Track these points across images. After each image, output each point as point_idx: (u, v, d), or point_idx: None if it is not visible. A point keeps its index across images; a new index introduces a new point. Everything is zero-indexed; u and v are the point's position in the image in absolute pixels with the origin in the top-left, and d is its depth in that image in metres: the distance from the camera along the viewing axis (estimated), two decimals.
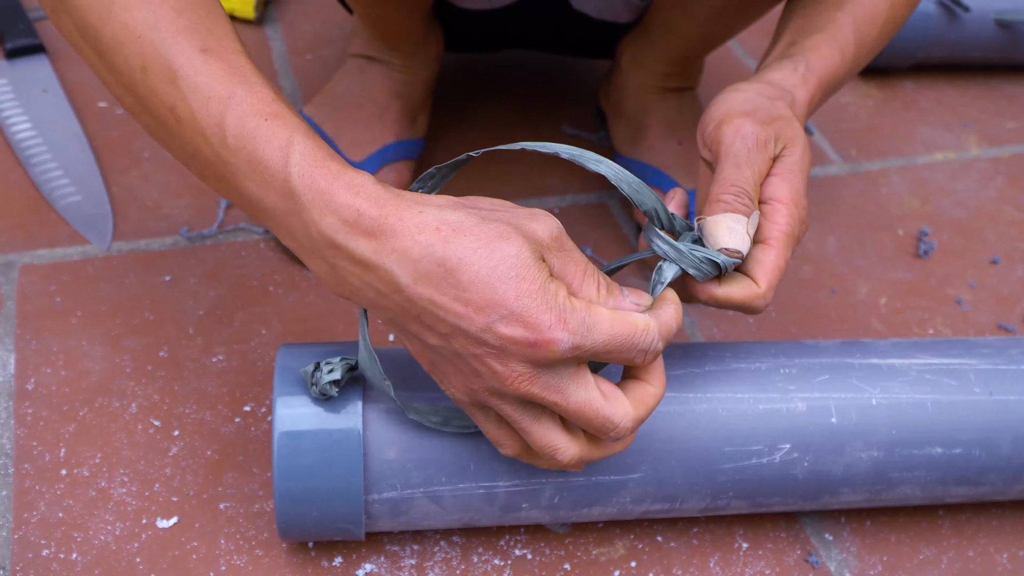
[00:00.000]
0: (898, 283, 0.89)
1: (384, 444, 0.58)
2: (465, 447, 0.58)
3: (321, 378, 0.56)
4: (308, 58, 1.04)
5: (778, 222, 0.57)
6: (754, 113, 0.59)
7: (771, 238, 0.57)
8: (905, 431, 0.63)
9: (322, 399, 0.57)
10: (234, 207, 0.86)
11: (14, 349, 0.74)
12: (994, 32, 1.11)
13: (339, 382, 0.57)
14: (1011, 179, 1.04)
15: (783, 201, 0.58)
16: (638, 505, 0.62)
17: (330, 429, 0.57)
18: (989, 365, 0.66)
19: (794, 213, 0.58)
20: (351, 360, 0.57)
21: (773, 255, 0.57)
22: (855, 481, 0.63)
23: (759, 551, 0.68)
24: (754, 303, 0.56)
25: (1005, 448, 0.64)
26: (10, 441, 0.68)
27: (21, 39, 0.98)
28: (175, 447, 0.69)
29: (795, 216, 0.58)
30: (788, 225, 0.58)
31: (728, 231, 0.55)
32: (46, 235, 0.82)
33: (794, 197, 0.58)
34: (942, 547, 0.70)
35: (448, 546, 0.66)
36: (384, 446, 0.58)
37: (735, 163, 0.57)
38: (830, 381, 0.63)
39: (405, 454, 0.58)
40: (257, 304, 0.79)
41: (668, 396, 0.61)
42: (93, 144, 0.91)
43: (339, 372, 0.56)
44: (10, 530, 0.64)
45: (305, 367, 0.58)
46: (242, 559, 0.64)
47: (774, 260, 0.57)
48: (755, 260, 0.57)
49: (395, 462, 0.58)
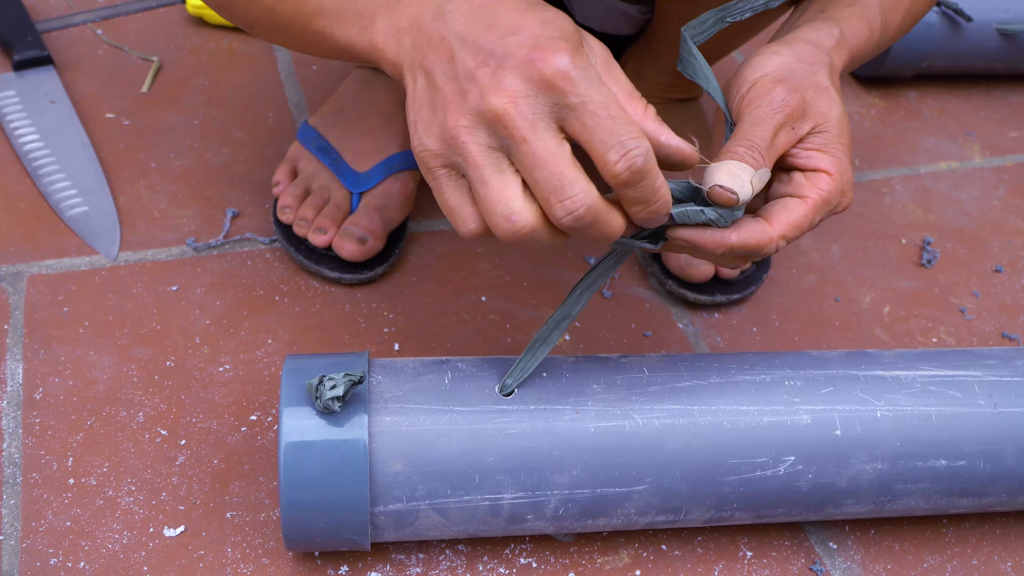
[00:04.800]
0: (902, 292, 0.90)
1: (390, 456, 0.58)
2: (470, 460, 0.58)
3: (324, 393, 0.57)
4: (313, 69, 1.04)
5: (820, 186, 0.56)
6: (787, 80, 0.57)
7: (808, 196, 0.56)
8: (909, 443, 0.63)
9: (326, 413, 0.58)
10: (241, 216, 0.87)
11: (22, 359, 0.74)
12: (997, 42, 1.11)
13: (342, 398, 0.57)
14: (1014, 188, 1.04)
15: (828, 171, 0.56)
16: (643, 517, 0.62)
17: (336, 440, 0.57)
18: (994, 377, 0.66)
19: (837, 183, 0.56)
20: (354, 375, 0.57)
21: (802, 210, 0.55)
22: (859, 493, 0.63)
23: (763, 560, 0.68)
24: (764, 246, 0.54)
25: (1010, 460, 0.64)
26: (18, 450, 0.69)
27: (29, 51, 0.98)
28: (182, 456, 0.70)
29: (837, 186, 0.56)
30: (828, 192, 0.56)
31: (728, 175, 0.53)
32: (54, 245, 0.83)
33: (839, 167, 0.57)
34: (946, 556, 0.70)
35: (453, 555, 0.66)
36: (390, 458, 0.58)
37: (753, 122, 0.56)
38: (835, 393, 0.63)
39: (411, 466, 0.58)
40: (263, 314, 0.80)
41: (672, 408, 0.61)
42: (100, 155, 0.91)
43: (342, 388, 0.57)
44: (18, 539, 0.64)
45: (310, 380, 0.58)
46: (248, 568, 0.64)
47: (800, 215, 0.55)
48: (783, 206, 0.56)
49: (401, 474, 0.58)
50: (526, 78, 0.47)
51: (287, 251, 0.83)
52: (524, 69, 0.47)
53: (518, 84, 0.47)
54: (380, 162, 0.84)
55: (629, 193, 0.49)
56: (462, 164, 0.49)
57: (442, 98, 0.49)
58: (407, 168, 0.86)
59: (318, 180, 0.84)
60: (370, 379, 0.60)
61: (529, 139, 0.47)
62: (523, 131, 0.47)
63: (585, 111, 0.47)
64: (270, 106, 0.99)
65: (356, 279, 0.82)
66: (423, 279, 0.84)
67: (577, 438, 0.59)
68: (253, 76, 1.02)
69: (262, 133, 0.96)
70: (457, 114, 0.48)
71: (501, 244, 0.88)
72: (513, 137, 0.47)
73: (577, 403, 0.60)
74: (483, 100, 0.47)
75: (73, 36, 1.05)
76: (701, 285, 0.84)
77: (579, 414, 0.60)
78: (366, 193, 0.83)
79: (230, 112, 0.98)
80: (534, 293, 0.84)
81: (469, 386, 0.61)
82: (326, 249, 0.82)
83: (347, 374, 0.57)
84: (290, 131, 0.96)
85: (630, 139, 0.47)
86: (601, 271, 0.60)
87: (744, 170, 0.53)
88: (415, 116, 0.51)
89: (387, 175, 0.84)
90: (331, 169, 0.84)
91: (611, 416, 0.60)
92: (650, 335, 0.82)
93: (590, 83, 0.47)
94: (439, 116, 0.49)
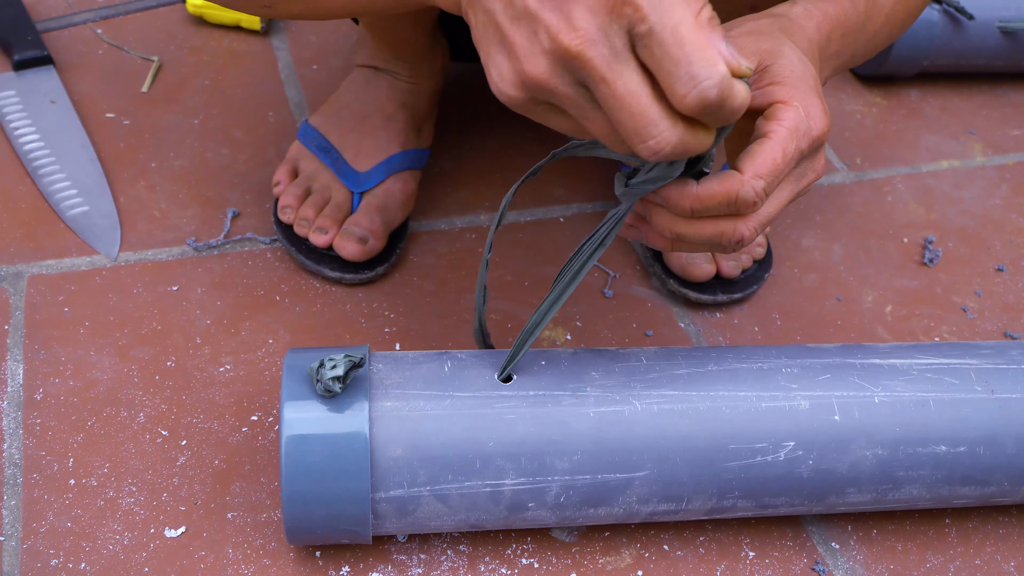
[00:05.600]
0: (903, 291, 0.90)
1: (390, 442, 0.58)
2: (471, 445, 0.59)
3: (325, 374, 0.57)
4: (314, 68, 1.04)
5: (780, 117, 0.52)
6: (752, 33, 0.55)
7: (770, 131, 0.52)
8: (909, 428, 0.63)
9: (327, 396, 0.58)
10: (241, 215, 0.87)
11: (23, 359, 0.74)
12: (999, 40, 1.11)
13: (343, 378, 0.57)
14: (1016, 187, 1.04)
15: (784, 100, 0.53)
16: (644, 505, 0.62)
17: (337, 427, 0.57)
18: (989, 365, 0.66)
19: (798, 110, 0.53)
20: (354, 357, 0.58)
21: (767, 146, 0.52)
22: (861, 480, 0.63)
23: (766, 559, 0.68)
24: (740, 192, 0.51)
25: (1010, 446, 0.64)
26: (19, 451, 0.69)
27: (29, 51, 0.98)
28: (183, 457, 0.70)
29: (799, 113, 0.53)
30: (791, 120, 0.52)
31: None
32: (54, 245, 0.83)
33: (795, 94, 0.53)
34: (949, 555, 0.70)
35: (455, 555, 0.66)
36: (391, 444, 0.58)
37: None
38: (832, 380, 0.63)
39: (411, 452, 0.58)
40: (264, 314, 0.80)
41: (671, 395, 0.61)
42: (100, 155, 0.91)
43: (342, 368, 0.57)
44: (19, 540, 0.64)
45: (310, 364, 0.58)
46: (250, 568, 0.64)
47: (766, 150, 0.52)
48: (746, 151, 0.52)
49: (401, 459, 0.58)
50: (594, 10, 0.44)
51: (288, 251, 0.83)
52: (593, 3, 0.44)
53: (587, 19, 0.44)
54: (381, 162, 0.84)
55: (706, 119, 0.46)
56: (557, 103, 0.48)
57: (512, 42, 0.46)
58: (408, 168, 0.86)
59: (319, 180, 0.84)
60: (370, 367, 0.61)
61: (608, 78, 0.45)
62: (601, 71, 0.44)
63: (653, 40, 0.44)
64: (271, 106, 0.99)
65: (357, 279, 0.82)
66: (424, 279, 0.84)
67: (577, 423, 0.60)
68: (253, 76, 1.02)
69: (262, 133, 0.96)
70: (534, 59, 0.46)
71: (501, 244, 0.88)
72: (591, 77, 0.45)
73: (576, 389, 0.61)
74: (555, 41, 0.45)
75: (73, 36, 1.05)
76: (702, 284, 0.84)
77: (578, 399, 0.60)
78: (367, 193, 0.83)
79: (230, 112, 0.98)
80: (535, 293, 0.84)
81: (468, 373, 0.61)
82: (327, 249, 0.82)
83: (347, 355, 0.57)
84: (291, 131, 0.96)
85: (701, 69, 0.44)
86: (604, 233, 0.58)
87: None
88: (485, 58, 0.49)
89: (388, 175, 0.84)
90: (332, 169, 0.84)
91: (610, 402, 0.60)
92: (651, 334, 0.82)
93: (659, 5, 0.44)
94: (513, 63, 0.47)
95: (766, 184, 0.51)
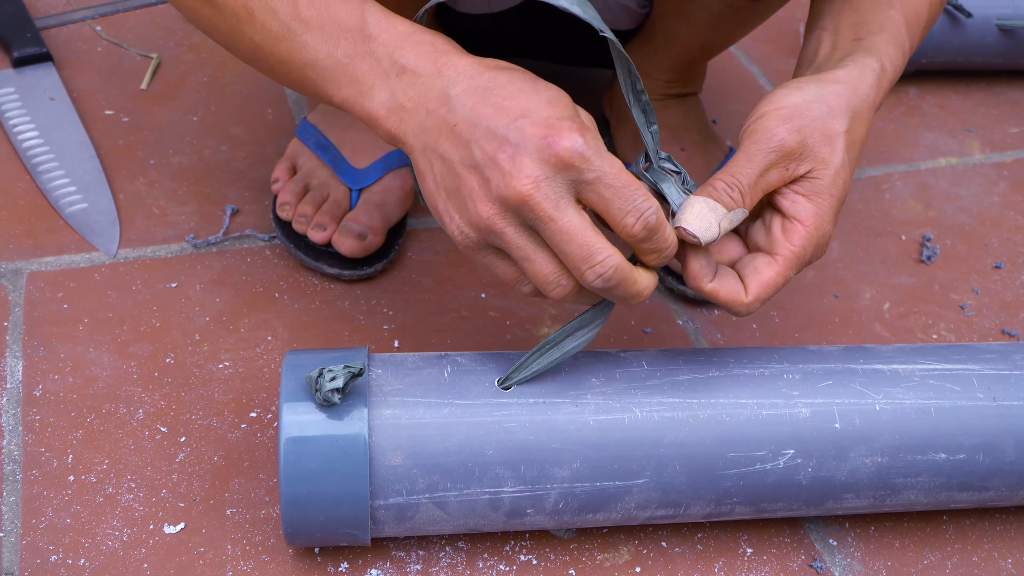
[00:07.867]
0: (901, 288, 0.90)
1: (390, 450, 0.58)
2: (470, 452, 0.59)
3: (324, 385, 0.57)
4: None
5: (792, 242, 0.58)
6: (795, 119, 0.57)
7: (779, 255, 0.58)
8: (909, 436, 0.63)
9: (325, 406, 0.58)
10: (240, 212, 0.87)
11: (22, 356, 0.74)
12: (997, 37, 1.11)
13: (342, 390, 0.57)
14: (1014, 184, 1.04)
15: (805, 223, 0.58)
16: (643, 511, 0.62)
17: (336, 434, 0.57)
18: (992, 370, 0.66)
19: (812, 236, 0.58)
20: (354, 368, 0.58)
21: (774, 271, 0.57)
22: (859, 486, 0.64)
23: (763, 556, 0.68)
24: (736, 309, 0.58)
25: (1009, 453, 0.64)
26: (18, 447, 0.69)
27: (28, 48, 0.98)
28: (182, 453, 0.70)
29: (812, 240, 0.58)
30: (801, 248, 0.58)
31: (696, 216, 0.55)
32: (53, 242, 0.83)
33: (817, 221, 0.58)
34: (946, 552, 0.70)
35: (453, 551, 0.66)
36: (390, 452, 0.58)
37: (746, 156, 0.57)
38: (833, 387, 0.63)
39: (410, 460, 0.58)
40: (263, 311, 0.80)
41: (671, 402, 0.61)
42: (99, 151, 0.91)
43: (342, 379, 0.57)
44: (19, 536, 0.64)
45: (309, 373, 0.58)
46: (248, 565, 0.64)
47: (772, 276, 0.58)
48: (755, 269, 0.58)
49: (400, 467, 0.58)
50: (543, 161, 0.51)
51: (286, 248, 0.83)
52: (541, 152, 0.51)
53: (537, 167, 0.51)
54: (379, 159, 0.84)
55: (645, 246, 0.54)
56: (502, 246, 0.54)
57: (468, 188, 0.52)
58: (406, 164, 0.86)
59: (317, 177, 0.84)
60: (369, 373, 0.60)
61: (555, 217, 0.51)
62: (548, 211, 0.51)
63: (601, 184, 0.52)
64: (269, 103, 0.99)
65: (355, 275, 0.82)
66: (423, 276, 0.84)
67: (576, 431, 0.59)
68: (252, 73, 1.02)
69: (261, 130, 0.96)
70: (486, 203, 0.52)
71: None
72: (539, 217, 0.51)
73: (576, 396, 0.60)
74: (507, 187, 0.51)
75: (72, 33, 1.05)
76: None
77: (578, 407, 0.60)
78: (365, 189, 0.83)
79: (229, 109, 0.98)
80: None
81: (468, 380, 0.61)
82: (325, 246, 0.82)
83: (347, 366, 0.57)
84: (289, 128, 0.96)
85: (642, 202, 0.52)
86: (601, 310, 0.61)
87: (714, 210, 0.55)
88: (444, 204, 0.55)
89: (386, 171, 0.84)
90: (330, 166, 0.84)
91: (610, 409, 0.60)
92: (650, 332, 0.82)
93: (601, 158, 0.51)
94: (470, 206, 0.53)
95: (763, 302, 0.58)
